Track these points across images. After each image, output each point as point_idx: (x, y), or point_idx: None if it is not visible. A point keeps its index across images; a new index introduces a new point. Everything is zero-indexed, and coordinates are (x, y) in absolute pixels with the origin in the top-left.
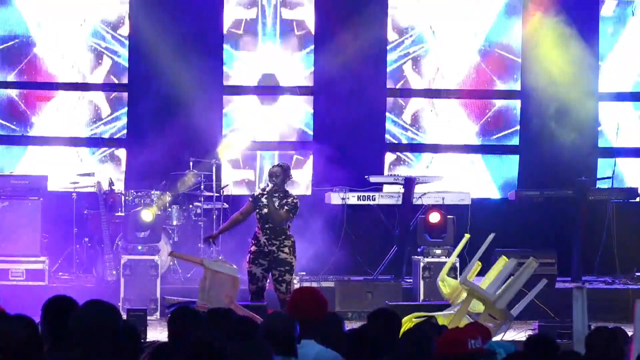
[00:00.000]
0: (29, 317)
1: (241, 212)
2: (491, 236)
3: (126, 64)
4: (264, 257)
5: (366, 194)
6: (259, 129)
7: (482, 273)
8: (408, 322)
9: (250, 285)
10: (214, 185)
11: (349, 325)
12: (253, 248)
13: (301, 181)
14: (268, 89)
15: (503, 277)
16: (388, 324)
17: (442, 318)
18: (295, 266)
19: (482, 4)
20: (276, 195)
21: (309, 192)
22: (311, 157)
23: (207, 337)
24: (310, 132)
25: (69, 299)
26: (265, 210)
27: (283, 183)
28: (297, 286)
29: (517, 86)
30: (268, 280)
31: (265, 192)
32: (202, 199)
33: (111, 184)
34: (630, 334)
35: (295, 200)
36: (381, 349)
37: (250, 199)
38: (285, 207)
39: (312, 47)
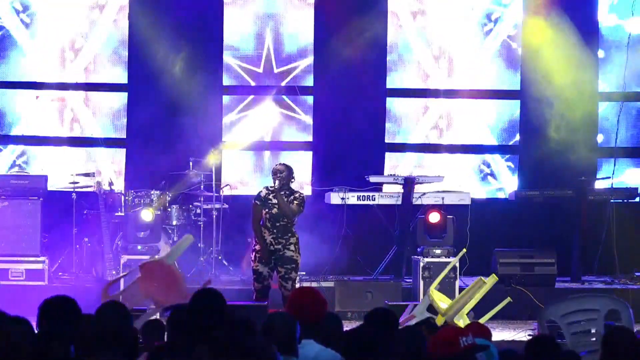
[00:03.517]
0: (25, 318)
1: (258, 220)
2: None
3: (126, 64)
4: (270, 255)
5: (366, 194)
6: (259, 129)
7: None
8: None
9: (256, 283)
10: (214, 185)
11: (349, 325)
12: (258, 247)
13: (301, 181)
14: (267, 89)
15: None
16: (386, 323)
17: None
18: (300, 263)
19: (483, 3)
20: (282, 193)
21: (309, 192)
22: (311, 157)
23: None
24: (310, 132)
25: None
26: (275, 209)
27: (288, 181)
28: (297, 286)
29: (517, 86)
30: (273, 279)
31: (271, 191)
32: (202, 199)
33: (111, 184)
34: None
35: (302, 195)
36: (379, 348)
37: (257, 201)
38: (295, 202)
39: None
